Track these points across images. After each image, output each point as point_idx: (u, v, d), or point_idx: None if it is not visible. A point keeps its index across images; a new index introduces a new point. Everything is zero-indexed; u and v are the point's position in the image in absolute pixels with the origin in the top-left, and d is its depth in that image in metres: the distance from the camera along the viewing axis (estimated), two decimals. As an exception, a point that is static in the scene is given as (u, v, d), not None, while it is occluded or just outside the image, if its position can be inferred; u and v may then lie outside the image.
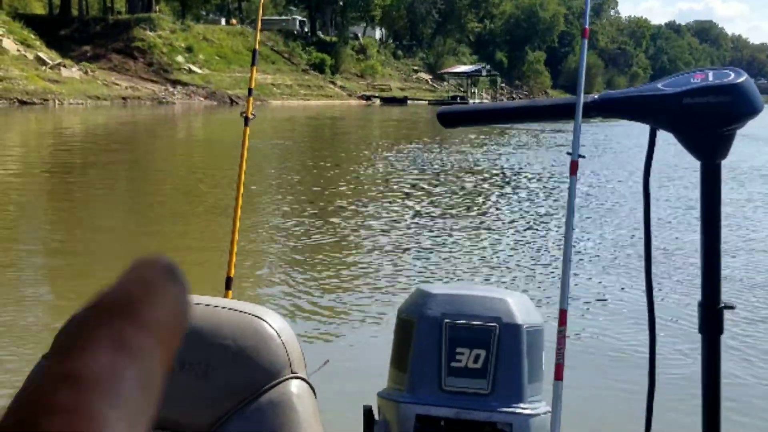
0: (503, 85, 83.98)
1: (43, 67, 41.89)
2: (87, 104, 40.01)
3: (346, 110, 49.12)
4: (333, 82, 64.07)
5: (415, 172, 15.15)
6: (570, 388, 1.85)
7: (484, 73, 76.16)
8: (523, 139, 24.54)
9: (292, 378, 1.27)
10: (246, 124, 2.54)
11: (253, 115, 2.56)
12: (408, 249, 7.97)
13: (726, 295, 1.37)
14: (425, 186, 13.07)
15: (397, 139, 24.31)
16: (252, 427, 1.24)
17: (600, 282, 6.76)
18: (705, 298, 1.36)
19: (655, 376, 1.45)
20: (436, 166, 16.18)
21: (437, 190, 12.64)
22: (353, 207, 10.66)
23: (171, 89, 48.03)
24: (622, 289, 6.55)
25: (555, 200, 11.55)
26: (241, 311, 1.31)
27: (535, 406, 1.54)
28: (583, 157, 1.57)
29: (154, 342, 0.22)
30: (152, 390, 0.22)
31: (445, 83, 75.06)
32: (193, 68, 51.25)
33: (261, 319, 1.30)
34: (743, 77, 1.30)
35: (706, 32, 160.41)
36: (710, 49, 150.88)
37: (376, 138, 26.28)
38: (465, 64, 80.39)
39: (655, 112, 1.34)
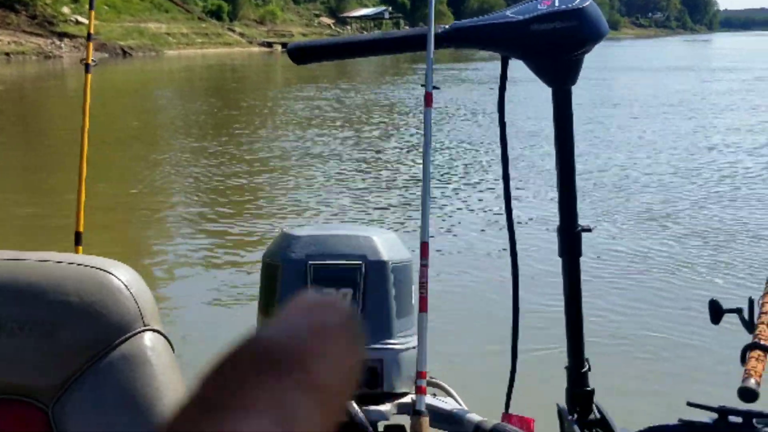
0: (407, 27, 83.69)
1: None
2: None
3: (246, 57, 48.10)
4: (231, 30, 62.46)
5: (292, 111, 15.15)
6: (437, 322, 1.86)
7: (386, 15, 75.60)
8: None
9: (145, 330, 1.21)
10: (87, 71, 2.45)
11: (93, 61, 2.46)
12: (277, 191, 7.97)
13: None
14: (295, 125, 13.11)
15: (295, 83, 24.08)
16: (105, 382, 1.18)
17: (463, 211, 6.92)
18: (563, 222, 1.38)
19: (519, 304, 1.48)
20: (314, 105, 16.18)
21: (308, 131, 12.60)
22: (228, 148, 10.63)
23: (57, 42, 45.90)
24: (485, 212, 6.78)
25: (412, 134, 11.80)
26: (86, 265, 1.22)
27: (405, 340, 1.53)
28: (438, 88, 1.55)
29: (316, 408, 0.19)
30: None
31: (348, 27, 74.22)
32: (81, 19, 48.99)
33: (107, 272, 1.22)
34: (588, 2, 1.30)
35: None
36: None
37: (268, 83, 25.92)
38: (367, 6, 79.59)
39: (504, 40, 1.34)
